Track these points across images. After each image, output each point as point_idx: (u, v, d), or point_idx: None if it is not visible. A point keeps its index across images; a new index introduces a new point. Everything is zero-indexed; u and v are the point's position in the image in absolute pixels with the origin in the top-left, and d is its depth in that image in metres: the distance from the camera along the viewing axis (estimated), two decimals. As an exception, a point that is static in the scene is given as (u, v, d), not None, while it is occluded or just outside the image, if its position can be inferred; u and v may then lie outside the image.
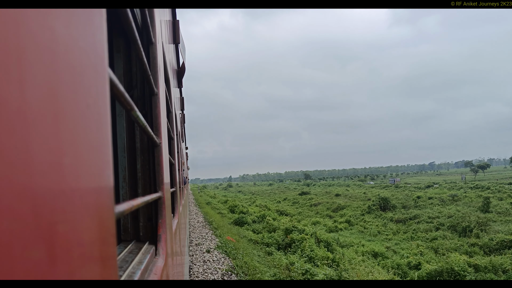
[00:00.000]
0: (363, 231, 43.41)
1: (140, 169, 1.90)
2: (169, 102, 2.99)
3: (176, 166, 3.62)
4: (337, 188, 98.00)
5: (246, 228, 24.52)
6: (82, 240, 0.52)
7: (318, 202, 68.60)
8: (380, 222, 48.09)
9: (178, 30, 4.49)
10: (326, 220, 51.55)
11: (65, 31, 0.49)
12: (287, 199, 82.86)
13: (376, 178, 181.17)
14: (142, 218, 1.89)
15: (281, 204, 73.67)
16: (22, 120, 0.37)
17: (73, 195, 0.49)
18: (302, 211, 62.04)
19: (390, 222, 48.08)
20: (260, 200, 76.81)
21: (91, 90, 0.58)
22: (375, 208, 54.60)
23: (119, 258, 1.44)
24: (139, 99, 1.93)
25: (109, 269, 0.66)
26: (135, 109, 1.07)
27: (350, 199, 70.02)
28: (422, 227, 42.34)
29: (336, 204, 64.17)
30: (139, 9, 1.73)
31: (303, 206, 68.73)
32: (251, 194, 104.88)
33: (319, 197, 76.20)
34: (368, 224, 46.86)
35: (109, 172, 0.66)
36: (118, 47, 1.93)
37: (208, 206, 35.74)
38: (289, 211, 55.31)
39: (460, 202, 52.50)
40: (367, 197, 67.66)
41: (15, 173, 0.36)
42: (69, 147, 0.48)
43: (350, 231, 43.95)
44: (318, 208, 63.60)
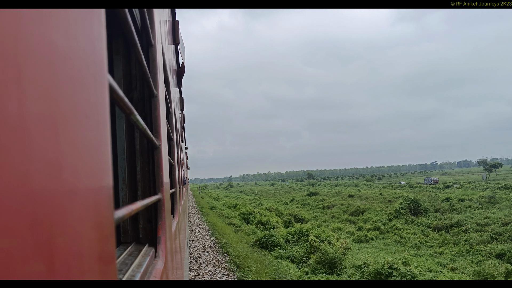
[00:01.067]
0: (401, 241, 36.15)
1: (139, 171, 1.90)
2: (168, 103, 2.98)
3: (175, 167, 3.62)
4: (346, 188, 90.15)
5: (279, 254, 16.80)
6: (82, 243, 0.52)
7: (332, 204, 61.08)
8: (417, 230, 40.76)
9: (177, 30, 4.49)
10: (348, 225, 45.01)
11: (64, 33, 0.49)
12: (294, 200, 75.20)
13: (382, 178, 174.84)
14: (142, 220, 1.89)
15: (289, 205, 66.75)
16: (22, 123, 0.37)
17: (72, 199, 0.49)
18: (317, 215, 54.47)
19: (428, 229, 40.61)
20: (264, 200, 69.87)
21: (90, 93, 0.58)
22: (404, 212, 46.96)
23: (119, 260, 1.44)
24: (139, 102, 1.93)
25: (108, 274, 0.66)
26: (134, 113, 1.07)
27: (366, 200, 61.81)
28: (473, 236, 34.95)
29: (354, 206, 56.47)
30: (139, 10, 1.72)
31: (315, 209, 61.47)
32: (254, 195, 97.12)
33: (330, 198, 68.59)
34: (404, 232, 39.09)
35: (109, 176, 0.66)
36: (117, 49, 1.93)
37: (214, 213, 29.85)
38: (303, 215, 46.18)
39: (503, 205, 44.22)
40: (386, 199, 60.39)
41: (16, 177, 0.36)
42: (68, 150, 0.48)
43: (383, 241, 36.99)
44: (333, 211, 56.60)
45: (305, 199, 72.88)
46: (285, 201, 74.93)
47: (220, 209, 34.74)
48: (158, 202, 1.73)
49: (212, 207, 35.36)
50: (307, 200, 71.28)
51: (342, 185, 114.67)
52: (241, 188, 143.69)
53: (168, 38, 3.31)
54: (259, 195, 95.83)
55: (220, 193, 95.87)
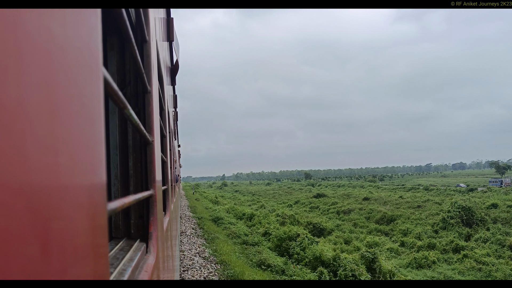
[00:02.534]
0: (480, 269, 26.10)
1: (132, 167, 1.90)
2: (162, 100, 2.99)
3: (168, 164, 3.62)
4: (353, 190, 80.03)
5: None
6: (75, 236, 0.53)
7: (348, 209, 51.04)
8: (488, 250, 30.33)
9: (172, 27, 4.48)
10: (384, 239, 36.09)
11: (61, 31, 0.50)
12: (299, 202, 65.67)
13: (383, 179, 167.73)
14: (134, 216, 1.90)
15: (294, 208, 56.88)
16: (17, 117, 0.38)
17: (66, 192, 0.50)
18: (341, 224, 43.84)
19: (501, 247, 30.81)
20: (265, 202, 60.46)
21: (85, 89, 0.59)
22: (455, 222, 37.50)
23: (110, 255, 1.44)
24: (132, 97, 1.93)
25: (101, 266, 0.67)
26: (128, 107, 1.08)
27: (390, 205, 51.94)
28: None
29: (378, 212, 46.29)
30: None
31: (327, 213, 51.78)
32: (251, 195, 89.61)
33: (343, 202, 58.26)
34: (477, 254, 28.22)
35: (102, 170, 0.68)
36: (112, 44, 1.93)
37: (220, 230, 18.93)
38: (324, 225, 37.10)
39: None
40: (411, 203, 51.01)
41: (10, 170, 0.36)
42: (63, 145, 0.49)
43: (450, 266, 27.13)
44: (353, 218, 46.78)
45: (313, 202, 62.70)
46: (289, 203, 64.90)
47: (228, 222, 22.29)
48: (150, 198, 1.74)
49: (215, 218, 23.04)
50: (315, 203, 61.12)
51: (345, 185, 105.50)
52: (235, 188, 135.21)
53: (162, 35, 3.31)
54: (257, 195, 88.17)
55: (215, 192, 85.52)
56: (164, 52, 3.57)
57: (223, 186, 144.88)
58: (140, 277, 1.30)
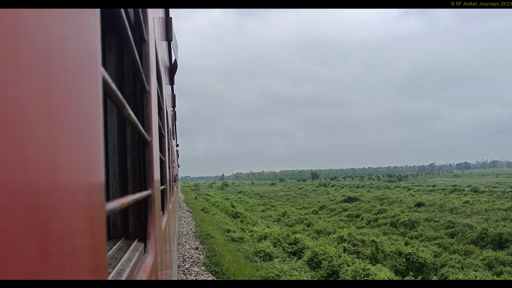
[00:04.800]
0: None
1: (130, 167, 1.90)
2: (160, 100, 2.98)
3: (166, 164, 3.62)
4: (384, 192, 62.16)
5: None
6: (74, 236, 0.53)
7: (411, 220, 31.14)
8: None
9: (171, 27, 4.48)
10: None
11: (60, 31, 0.50)
12: (326, 207, 45.77)
13: (402, 179, 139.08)
14: (132, 216, 1.89)
15: (322, 216, 40.45)
16: (16, 117, 0.38)
17: (65, 192, 0.50)
18: (428, 250, 20.66)
19: None
20: (278, 205, 49.38)
21: (84, 88, 0.59)
22: None
23: (108, 255, 1.44)
24: (131, 97, 1.93)
25: (99, 266, 0.67)
26: (126, 107, 1.08)
27: (475, 216, 31.39)
28: None
29: (471, 228, 26.18)
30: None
31: (378, 225, 31.99)
32: (259, 197, 72.84)
33: (394, 209, 37.73)
34: None
35: (101, 170, 0.68)
36: (110, 44, 1.93)
37: None
38: (421, 255, 17.81)
39: None
40: (495, 212, 32.02)
41: (8, 170, 0.36)
42: (61, 144, 0.49)
43: None
44: (428, 235, 26.60)
45: (346, 207, 42.83)
46: (313, 209, 45.64)
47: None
48: (148, 197, 1.74)
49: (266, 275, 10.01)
50: (351, 209, 41.24)
51: (366, 186, 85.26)
52: (238, 188, 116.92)
53: (161, 34, 3.31)
54: (265, 197, 71.09)
55: (215, 193, 74.59)
56: (162, 51, 3.56)
57: (224, 187, 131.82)
58: (138, 277, 1.30)
